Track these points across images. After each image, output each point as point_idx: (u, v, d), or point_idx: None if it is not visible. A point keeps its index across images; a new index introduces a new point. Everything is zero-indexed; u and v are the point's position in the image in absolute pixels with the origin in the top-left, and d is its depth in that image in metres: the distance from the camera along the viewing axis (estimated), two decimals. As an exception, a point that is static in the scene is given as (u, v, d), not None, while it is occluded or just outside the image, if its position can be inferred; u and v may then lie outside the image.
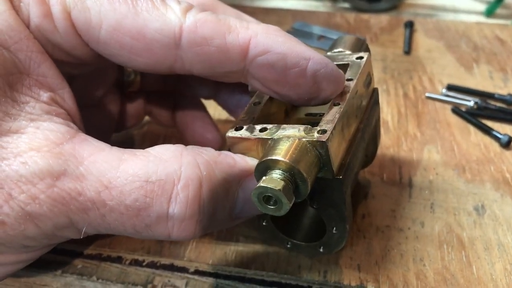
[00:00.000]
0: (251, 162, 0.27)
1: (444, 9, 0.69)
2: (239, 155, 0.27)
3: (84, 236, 0.26)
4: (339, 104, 0.28)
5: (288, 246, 0.32)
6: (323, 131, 0.26)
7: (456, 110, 0.46)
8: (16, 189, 0.23)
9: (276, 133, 0.26)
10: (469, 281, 0.32)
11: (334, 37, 0.58)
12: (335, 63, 0.30)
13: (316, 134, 0.25)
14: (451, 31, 0.60)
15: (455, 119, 0.46)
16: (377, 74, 0.52)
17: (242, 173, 0.27)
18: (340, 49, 0.34)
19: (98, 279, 0.33)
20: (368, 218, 0.36)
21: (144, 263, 0.34)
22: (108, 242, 0.35)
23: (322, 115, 0.28)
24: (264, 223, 0.32)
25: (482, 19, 0.66)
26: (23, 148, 0.24)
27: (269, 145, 0.26)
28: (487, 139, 0.43)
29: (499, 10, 0.67)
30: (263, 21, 0.31)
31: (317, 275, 0.33)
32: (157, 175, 0.24)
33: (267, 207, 0.25)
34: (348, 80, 0.29)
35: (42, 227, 0.24)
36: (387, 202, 0.37)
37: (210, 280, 0.33)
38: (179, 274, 0.33)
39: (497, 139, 0.43)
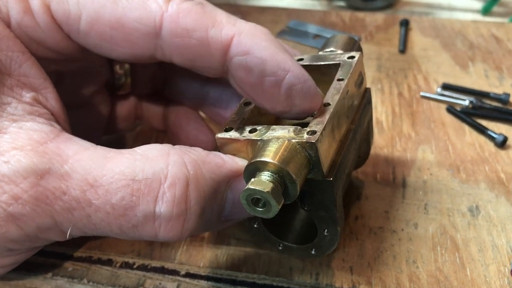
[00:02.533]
0: (241, 162, 0.27)
1: (440, 7, 0.68)
2: (229, 155, 0.27)
3: (69, 238, 0.25)
4: (329, 104, 0.27)
5: (280, 248, 0.32)
6: (313, 132, 0.25)
7: (451, 109, 0.46)
8: None
9: (266, 134, 0.26)
10: (463, 283, 0.32)
11: (329, 36, 0.58)
12: (326, 62, 0.31)
13: (305, 135, 0.25)
14: (447, 29, 0.59)
15: (450, 119, 0.45)
16: (371, 73, 0.51)
17: (231, 173, 0.26)
18: (332, 48, 0.33)
19: (88, 281, 0.33)
20: (361, 219, 0.36)
21: (135, 266, 0.33)
22: (99, 244, 0.35)
23: (313, 116, 0.27)
24: (255, 225, 0.31)
25: (479, 17, 0.66)
26: (5, 147, 0.23)
27: (258, 146, 0.26)
28: (482, 138, 0.43)
29: (495, 8, 0.66)
30: (258, 20, 0.31)
31: (309, 278, 0.32)
32: (143, 174, 0.24)
33: (256, 209, 0.24)
34: (339, 80, 0.29)
35: (25, 228, 0.24)
36: (381, 203, 0.37)
37: (201, 282, 0.32)
38: (170, 276, 0.33)
39: (492, 138, 0.42)
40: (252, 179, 0.24)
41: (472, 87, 0.49)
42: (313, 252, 0.31)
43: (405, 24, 0.59)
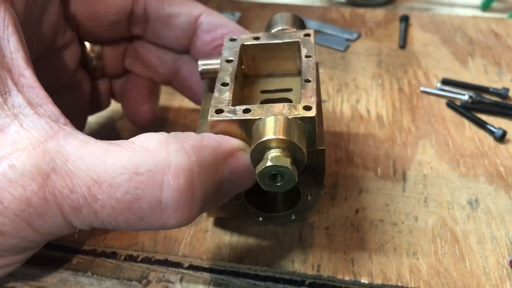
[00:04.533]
0: (234, 142, 0.27)
1: (440, 3, 0.68)
2: (221, 136, 0.27)
3: (79, 232, 0.26)
4: (310, 81, 0.29)
5: (260, 219, 0.33)
6: (308, 108, 0.27)
7: (451, 104, 0.46)
8: (8, 196, 0.23)
9: (263, 113, 0.27)
10: (462, 274, 0.32)
11: (330, 31, 0.58)
12: (286, 40, 0.33)
13: (303, 111, 0.27)
14: (447, 25, 0.60)
15: (449, 113, 0.46)
16: (372, 69, 0.52)
17: (227, 154, 0.27)
18: (284, 27, 0.34)
19: (93, 274, 0.33)
20: (362, 212, 0.36)
21: (139, 259, 0.34)
22: (103, 238, 0.35)
23: (277, 91, 0.32)
24: (239, 202, 0.32)
25: (478, 13, 0.66)
26: (8, 150, 0.23)
27: (257, 125, 0.26)
28: (481, 133, 0.43)
29: (495, 4, 0.66)
30: (258, 15, 0.32)
31: (311, 269, 0.33)
32: (146, 166, 0.24)
33: (273, 185, 0.26)
34: (307, 57, 0.31)
35: (39, 230, 0.24)
36: (381, 197, 0.37)
37: (205, 275, 0.33)
38: (173, 269, 0.33)
39: (491, 133, 0.43)
40: (269, 156, 0.25)
41: (471, 82, 0.49)
42: (292, 217, 0.33)
43: (405, 20, 0.59)
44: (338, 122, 0.45)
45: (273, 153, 0.25)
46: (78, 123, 0.38)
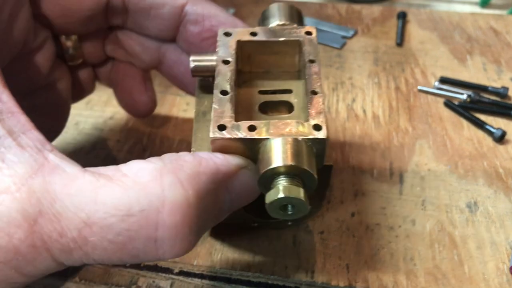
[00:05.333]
0: (234, 162, 0.26)
1: (438, -1, 0.67)
2: (219, 155, 0.25)
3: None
4: (317, 93, 0.27)
5: (255, 225, 0.32)
6: (318, 127, 0.25)
7: (449, 103, 0.45)
8: None
9: (269, 131, 0.25)
10: (461, 280, 0.31)
11: (326, 28, 0.57)
12: (285, 38, 0.30)
13: (312, 131, 0.25)
14: (445, 22, 0.58)
15: (447, 113, 0.45)
16: (368, 67, 0.51)
17: (228, 176, 0.25)
18: (282, 21, 0.32)
19: (81, 280, 0.32)
20: (357, 216, 0.35)
21: (128, 264, 0.33)
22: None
23: (276, 92, 0.30)
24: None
25: (477, 9, 0.65)
26: None
27: (264, 147, 0.25)
28: (480, 133, 0.42)
29: (494, 0, 0.66)
30: (253, 12, 0.30)
31: (305, 276, 0.32)
32: (139, 205, 0.22)
33: (283, 214, 0.25)
34: (311, 61, 0.29)
35: (29, 274, 0.22)
36: (377, 200, 0.36)
37: (195, 281, 0.32)
38: (163, 275, 0.32)
39: (490, 133, 0.42)
40: (280, 186, 0.24)
41: (470, 80, 0.48)
42: (289, 223, 0.33)
43: (402, 16, 0.58)
44: (333, 122, 0.44)
45: (284, 181, 0.24)
46: (61, 117, 0.37)
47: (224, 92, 0.27)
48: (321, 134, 0.25)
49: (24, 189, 0.21)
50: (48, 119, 0.35)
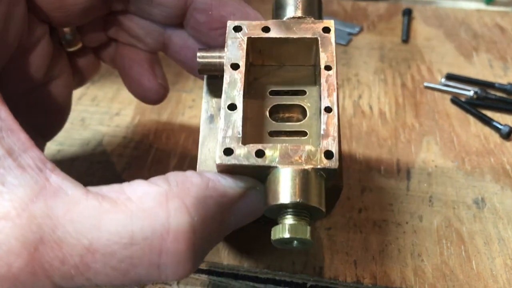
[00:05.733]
0: (241, 184, 0.25)
1: (443, -4, 0.67)
2: (227, 177, 0.25)
3: None
4: (331, 110, 0.25)
5: (263, 224, 0.32)
6: (330, 154, 0.24)
7: (456, 100, 0.45)
8: None
9: (279, 158, 0.24)
10: (469, 276, 0.31)
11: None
12: (300, 36, 0.28)
13: (323, 159, 0.24)
14: (451, 18, 0.58)
15: (454, 110, 0.45)
16: (374, 63, 0.51)
17: (234, 200, 0.25)
18: (299, 14, 0.29)
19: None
20: (365, 212, 0.35)
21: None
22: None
23: (289, 93, 0.28)
24: None
25: (482, 6, 0.64)
26: None
27: (273, 177, 0.24)
28: (487, 130, 0.42)
29: (499, -3, 0.65)
30: (259, 9, 0.30)
31: (312, 272, 0.32)
32: (142, 233, 0.21)
33: (289, 246, 0.24)
34: (327, 68, 0.26)
35: None
36: (385, 196, 0.36)
37: (203, 277, 0.32)
38: (170, 271, 0.32)
39: (497, 129, 0.42)
40: (286, 225, 0.23)
41: (476, 77, 0.48)
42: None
43: (408, 13, 0.58)
44: (340, 118, 0.43)
45: (290, 218, 0.23)
46: (62, 113, 0.35)
47: (232, 107, 0.25)
48: (332, 163, 0.23)
49: (25, 214, 0.20)
50: (48, 116, 0.34)
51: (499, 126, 0.41)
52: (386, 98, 0.46)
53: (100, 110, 0.45)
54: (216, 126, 0.28)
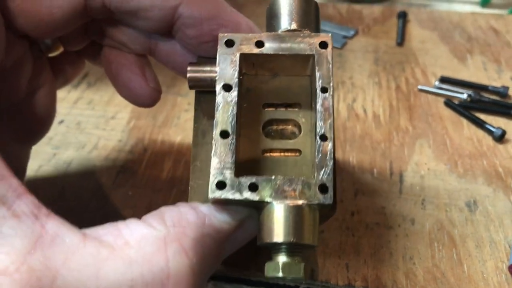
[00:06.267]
0: (237, 217, 0.25)
1: (439, -2, 0.67)
2: (222, 212, 0.25)
3: None
4: (326, 138, 0.24)
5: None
6: (324, 189, 0.23)
7: (449, 103, 0.45)
8: None
9: (271, 195, 0.23)
10: (460, 279, 0.31)
11: (326, 28, 0.57)
12: (296, 53, 0.26)
13: (318, 193, 0.23)
14: (445, 21, 0.59)
15: (448, 112, 0.45)
16: (368, 66, 0.51)
17: (230, 233, 0.25)
18: (294, 27, 0.27)
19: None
20: (357, 215, 0.35)
21: None
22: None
23: (283, 105, 0.27)
24: None
25: (478, 8, 0.65)
26: None
27: (267, 210, 0.24)
28: (480, 132, 0.42)
29: (494, 0, 0.66)
30: (255, 12, 0.30)
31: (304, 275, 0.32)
32: (142, 279, 0.21)
33: (282, 280, 0.25)
34: (324, 90, 0.25)
35: None
36: (377, 199, 0.37)
37: (196, 280, 0.32)
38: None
39: (490, 132, 0.42)
40: (280, 263, 0.23)
41: (470, 80, 0.48)
42: None
43: (403, 16, 0.58)
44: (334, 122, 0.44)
45: (284, 256, 0.23)
46: (46, 120, 0.34)
47: (224, 134, 0.24)
48: (327, 199, 0.23)
49: (24, 268, 0.20)
50: (33, 123, 0.33)
51: (492, 129, 0.42)
52: (380, 101, 0.46)
53: (95, 114, 0.45)
54: (207, 141, 0.27)
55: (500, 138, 0.41)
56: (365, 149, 0.41)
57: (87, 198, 0.37)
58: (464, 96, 0.46)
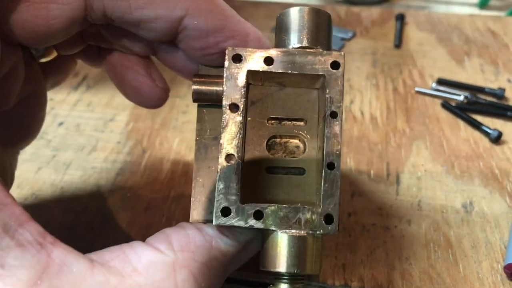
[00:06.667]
0: (242, 239, 0.25)
1: (437, 1, 0.68)
2: (228, 236, 0.25)
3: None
4: (334, 167, 0.24)
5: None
6: (329, 219, 0.23)
7: (446, 104, 0.46)
8: None
9: (276, 223, 0.23)
10: (455, 280, 0.32)
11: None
12: (306, 72, 0.25)
13: (323, 224, 0.23)
14: (443, 23, 0.59)
15: (444, 114, 0.45)
16: (366, 68, 0.51)
17: (235, 256, 0.25)
18: (305, 44, 0.26)
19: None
20: (354, 216, 0.36)
21: None
22: (90, 245, 0.35)
23: (288, 120, 0.26)
24: None
25: (476, 10, 0.65)
26: None
27: (271, 238, 0.24)
28: (477, 134, 0.43)
29: (492, 2, 0.66)
30: (252, 14, 0.30)
31: (301, 275, 0.32)
32: None
33: None
34: (333, 115, 0.25)
35: None
36: (374, 200, 0.37)
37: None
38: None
39: (486, 134, 0.42)
40: None
41: (467, 82, 0.49)
42: None
43: (400, 18, 0.58)
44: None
45: (286, 285, 0.24)
46: (36, 124, 0.33)
47: (229, 158, 0.24)
48: (332, 229, 0.23)
49: None
50: (22, 129, 0.32)
51: (489, 131, 0.42)
52: (377, 103, 0.47)
53: (94, 116, 0.46)
54: (209, 157, 0.27)
55: (497, 139, 0.41)
56: (362, 151, 0.41)
57: (86, 199, 0.37)
58: (461, 98, 0.46)
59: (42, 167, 0.40)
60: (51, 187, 0.38)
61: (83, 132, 0.44)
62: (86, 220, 0.36)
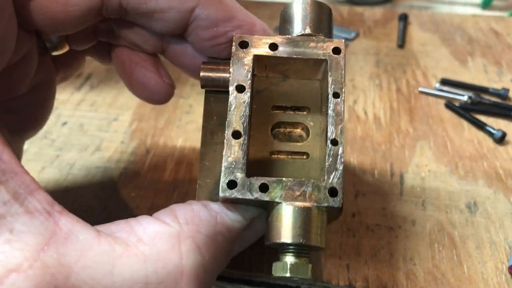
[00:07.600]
0: (247, 216, 0.25)
1: (440, 1, 0.68)
2: (233, 211, 0.25)
3: None
4: (337, 143, 0.25)
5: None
6: (334, 192, 0.24)
7: (450, 105, 0.45)
8: None
9: (280, 196, 0.24)
10: (460, 280, 0.32)
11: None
12: (309, 57, 0.27)
13: (327, 196, 0.24)
14: (446, 23, 0.59)
15: (448, 114, 0.45)
16: (370, 68, 0.51)
17: (240, 231, 0.25)
18: (308, 31, 0.27)
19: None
20: (358, 216, 0.36)
21: None
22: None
23: (292, 109, 0.28)
24: None
25: (479, 11, 0.65)
26: (0, 271, 0.19)
27: (276, 211, 0.24)
28: (480, 134, 0.43)
29: (495, 2, 0.66)
30: (255, 14, 0.30)
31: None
32: (157, 276, 0.21)
33: (289, 279, 0.26)
34: (335, 95, 0.26)
35: None
36: (378, 200, 0.37)
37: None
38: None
39: (490, 134, 0.42)
40: (288, 263, 0.24)
41: (471, 82, 0.49)
42: None
43: (404, 18, 0.58)
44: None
45: (292, 256, 0.24)
46: (44, 113, 0.34)
47: (236, 135, 0.25)
48: (336, 202, 0.24)
49: (37, 265, 0.19)
50: (30, 118, 0.33)
51: (493, 131, 0.42)
52: (381, 103, 0.46)
53: (98, 116, 0.46)
54: (216, 141, 0.28)
55: (501, 140, 0.41)
56: (365, 151, 0.41)
57: (89, 199, 0.37)
58: (465, 98, 0.46)
59: (45, 166, 0.40)
60: (54, 187, 0.38)
61: (87, 132, 0.44)
62: (90, 219, 0.35)
